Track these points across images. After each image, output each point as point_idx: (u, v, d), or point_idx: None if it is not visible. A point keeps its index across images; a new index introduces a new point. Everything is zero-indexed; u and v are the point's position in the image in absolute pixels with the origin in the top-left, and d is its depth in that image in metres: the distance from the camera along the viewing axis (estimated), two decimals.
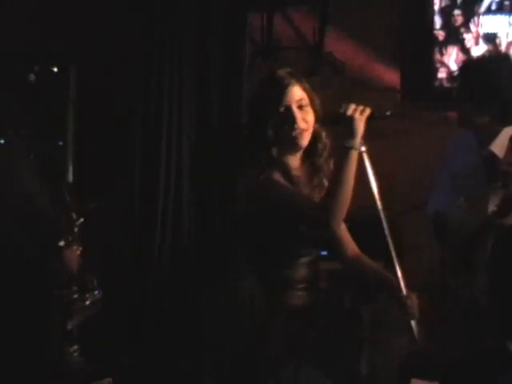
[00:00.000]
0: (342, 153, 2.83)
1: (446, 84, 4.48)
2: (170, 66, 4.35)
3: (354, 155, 2.82)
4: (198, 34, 4.35)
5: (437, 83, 4.50)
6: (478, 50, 4.43)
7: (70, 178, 4.31)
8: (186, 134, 4.36)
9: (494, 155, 3.35)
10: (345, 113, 2.83)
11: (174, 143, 4.35)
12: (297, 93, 2.89)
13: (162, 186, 4.32)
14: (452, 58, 4.47)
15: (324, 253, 4.09)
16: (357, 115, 2.82)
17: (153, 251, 4.29)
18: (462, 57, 4.45)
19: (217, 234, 4.03)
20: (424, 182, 4.49)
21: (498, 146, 3.33)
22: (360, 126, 2.82)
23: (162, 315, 4.19)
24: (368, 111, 2.85)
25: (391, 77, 4.50)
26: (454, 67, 4.47)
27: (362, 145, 2.84)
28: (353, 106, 2.84)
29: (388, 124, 3.46)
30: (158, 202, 4.31)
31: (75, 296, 3.70)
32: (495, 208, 3.26)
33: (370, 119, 2.85)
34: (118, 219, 4.34)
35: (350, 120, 2.82)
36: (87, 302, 3.73)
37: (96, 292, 3.75)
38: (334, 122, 2.93)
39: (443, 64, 4.48)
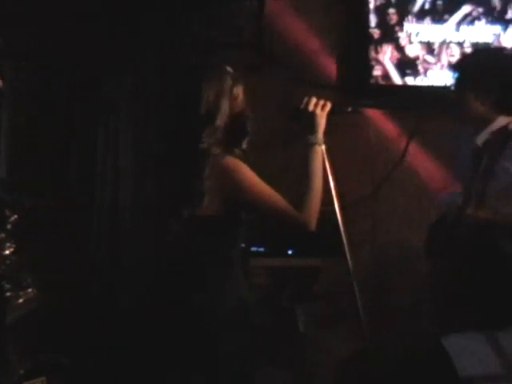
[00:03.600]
0: (305, 150, 2.81)
1: (381, 82, 4.53)
2: (109, 67, 4.30)
3: (319, 151, 2.81)
4: (139, 32, 4.30)
5: (372, 81, 4.54)
6: (412, 48, 4.49)
7: (3, 173, 4.24)
8: (124, 133, 4.32)
9: (478, 147, 3.40)
10: (306, 108, 2.82)
11: (112, 141, 4.31)
12: None
13: (98, 185, 4.28)
14: (387, 56, 4.51)
15: (261, 249, 4.13)
16: (318, 111, 2.82)
17: (89, 250, 4.26)
18: (396, 55, 4.50)
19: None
20: (358, 181, 4.56)
21: (482, 139, 3.36)
22: (322, 122, 2.81)
23: (100, 314, 4.16)
24: (329, 106, 2.85)
25: (330, 75, 4.53)
26: (388, 65, 4.51)
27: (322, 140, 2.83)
28: (314, 101, 2.83)
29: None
30: (95, 200, 4.27)
31: (8, 294, 3.64)
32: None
33: (330, 114, 2.85)
34: (56, 218, 4.29)
35: (312, 115, 2.81)
36: (20, 300, 3.67)
37: (30, 290, 3.69)
38: (293, 117, 2.91)
39: (378, 62, 4.52)
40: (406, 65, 4.51)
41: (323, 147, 2.84)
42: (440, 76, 4.48)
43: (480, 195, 3.28)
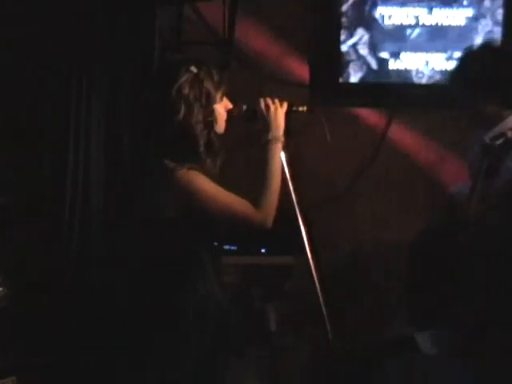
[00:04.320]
0: (264, 148, 2.83)
1: (353, 80, 4.55)
2: (78, 64, 4.25)
3: (279, 147, 2.84)
4: (108, 30, 4.27)
5: (342, 79, 4.55)
6: (386, 46, 4.51)
7: None
8: (95, 135, 4.29)
9: (486, 145, 3.39)
10: (265, 107, 2.85)
11: (83, 140, 4.27)
12: None
13: (69, 185, 4.25)
14: (359, 54, 4.53)
15: (234, 247, 4.12)
16: (278, 108, 2.85)
17: (60, 251, 4.22)
18: (369, 53, 4.51)
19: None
20: (331, 178, 4.57)
21: (489, 137, 3.35)
22: (279, 120, 2.85)
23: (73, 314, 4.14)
24: (286, 105, 2.89)
25: (302, 72, 4.53)
26: (361, 63, 4.53)
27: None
28: (270, 101, 2.87)
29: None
30: (66, 200, 4.24)
31: None
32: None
33: (287, 113, 2.90)
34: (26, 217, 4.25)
35: (272, 113, 2.84)
36: None
37: (1, 289, 3.67)
38: (249, 118, 2.94)
39: (351, 60, 4.54)
40: (380, 62, 4.53)
41: (280, 146, 2.88)
42: (414, 73, 4.51)
43: (482, 194, 3.29)
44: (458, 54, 4.05)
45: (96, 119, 4.30)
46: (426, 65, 4.48)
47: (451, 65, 4.40)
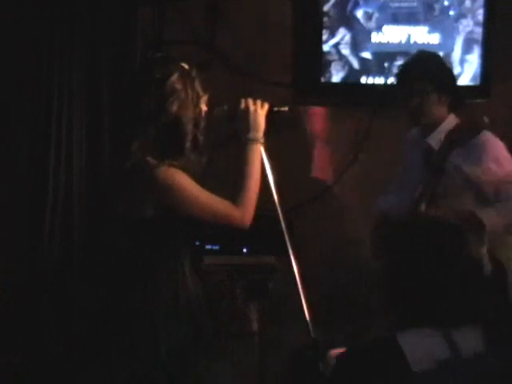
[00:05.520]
0: (244, 148, 2.82)
1: (334, 80, 4.56)
2: (60, 63, 4.24)
3: (259, 148, 2.85)
4: (89, 29, 4.25)
5: (324, 79, 4.57)
6: (368, 45, 4.53)
7: None
8: (76, 134, 4.27)
9: (430, 147, 3.50)
10: (245, 108, 2.85)
11: (64, 141, 4.26)
12: None
13: (50, 186, 4.24)
14: (341, 54, 4.54)
15: (216, 247, 4.13)
16: (258, 109, 2.85)
17: (42, 250, 4.21)
18: (351, 52, 4.53)
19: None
20: (311, 178, 4.58)
21: (434, 139, 3.49)
22: (259, 120, 2.85)
23: (51, 313, 4.12)
24: (266, 106, 2.89)
25: (284, 72, 4.54)
26: (343, 62, 4.55)
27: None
28: (252, 101, 2.87)
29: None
30: (47, 200, 4.22)
31: None
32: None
33: (268, 114, 2.89)
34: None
35: (252, 114, 2.84)
36: None
37: None
38: (233, 117, 2.94)
39: (332, 59, 4.55)
40: (362, 62, 4.55)
41: (261, 146, 2.88)
42: (395, 72, 4.52)
43: (431, 194, 3.37)
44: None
45: (78, 120, 4.30)
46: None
47: None
